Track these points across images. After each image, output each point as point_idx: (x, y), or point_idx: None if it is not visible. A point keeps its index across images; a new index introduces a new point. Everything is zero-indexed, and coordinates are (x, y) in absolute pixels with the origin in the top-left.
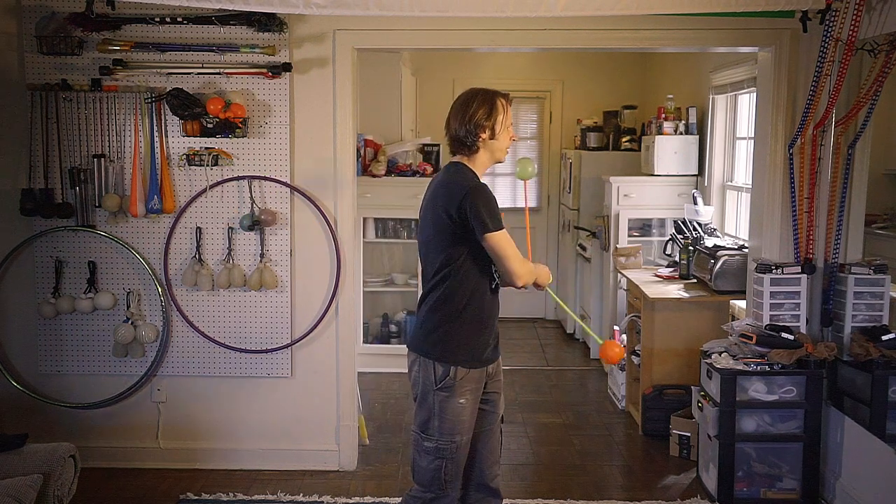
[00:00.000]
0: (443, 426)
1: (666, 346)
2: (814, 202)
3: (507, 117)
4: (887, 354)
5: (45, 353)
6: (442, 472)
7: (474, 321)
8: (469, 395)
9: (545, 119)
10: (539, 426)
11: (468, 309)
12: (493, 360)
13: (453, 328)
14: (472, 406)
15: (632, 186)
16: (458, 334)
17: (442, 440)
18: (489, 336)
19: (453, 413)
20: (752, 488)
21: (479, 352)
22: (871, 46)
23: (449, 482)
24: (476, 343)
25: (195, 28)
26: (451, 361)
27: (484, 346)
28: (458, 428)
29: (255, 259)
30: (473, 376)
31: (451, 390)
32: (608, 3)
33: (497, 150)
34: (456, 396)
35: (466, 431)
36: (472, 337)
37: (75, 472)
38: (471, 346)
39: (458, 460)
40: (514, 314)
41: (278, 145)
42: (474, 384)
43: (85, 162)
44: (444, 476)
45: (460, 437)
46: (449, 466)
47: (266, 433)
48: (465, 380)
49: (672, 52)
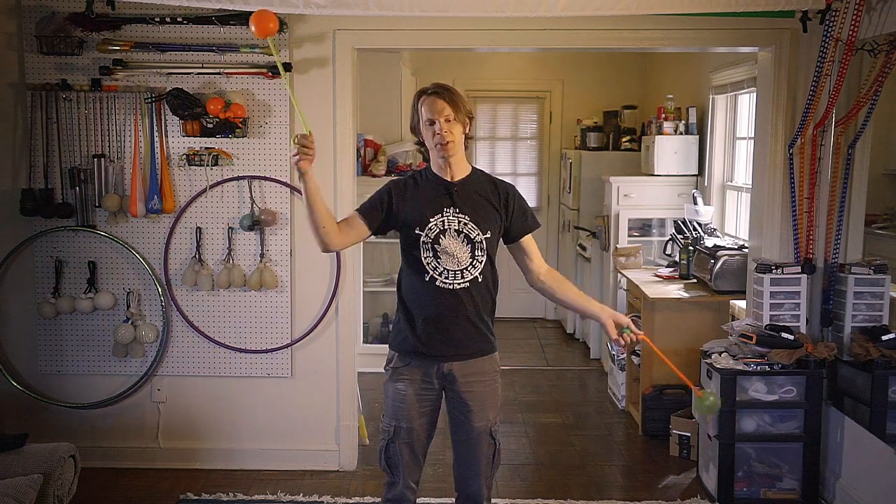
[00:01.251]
0: (386, 408)
1: (666, 346)
2: (814, 202)
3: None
4: (887, 354)
5: (45, 353)
6: (384, 452)
7: (402, 310)
8: (408, 385)
9: (545, 119)
10: (539, 426)
11: (400, 297)
12: (437, 358)
13: (398, 316)
14: (413, 396)
15: (632, 186)
16: (398, 322)
17: (385, 421)
18: (431, 331)
19: (392, 397)
20: (752, 488)
21: (410, 341)
22: (871, 46)
23: (393, 466)
24: (404, 331)
25: (195, 28)
26: (391, 345)
27: (416, 337)
28: (398, 413)
29: (255, 259)
30: (412, 366)
31: (389, 373)
32: (608, 3)
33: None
34: (393, 381)
35: (408, 420)
36: (401, 324)
37: (75, 472)
38: (400, 333)
39: (400, 448)
40: (514, 314)
41: (278, 145)
42: (413, 375)
43: (85, 162)
44: (385, 457)
45: (400, 424)
46: (390, 449)
47: (266, 433)
48: (401, 367)
49: (672, 52)
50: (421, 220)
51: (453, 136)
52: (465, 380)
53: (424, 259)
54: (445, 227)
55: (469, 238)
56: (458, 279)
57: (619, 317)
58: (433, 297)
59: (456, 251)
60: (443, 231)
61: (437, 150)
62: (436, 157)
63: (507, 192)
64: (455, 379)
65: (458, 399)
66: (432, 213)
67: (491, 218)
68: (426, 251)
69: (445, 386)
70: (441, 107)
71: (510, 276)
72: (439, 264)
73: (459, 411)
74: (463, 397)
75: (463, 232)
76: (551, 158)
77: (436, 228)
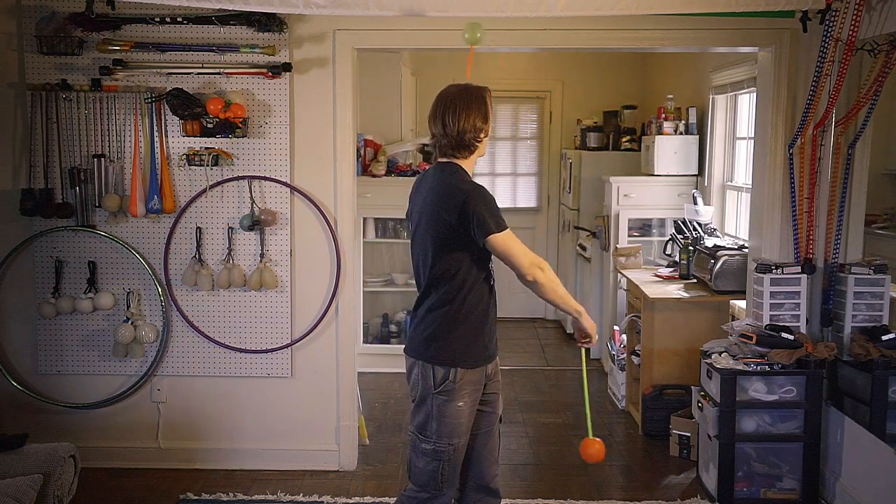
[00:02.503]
0: (441, 429)
1: (666, 346)
2: (814, 202)
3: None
4: (887, 354)
5: (45, 353)
6: (439, 473)
7: (474, 323)
8: (468, 398)
9: (545, 119)
10: (539, 426)
11: (467, 311)
12: (492, 358)
13: (453, 331)
14: (470, 408)
15: (632, 186)
16: (457, 337)
17: (440, 443)
18: (488, 336)
19: (452, 416)
20: (752, 488)
21: (479, 352)
22: (871, 46)
23: (445, 483)
24: (475, 344)
25: (195, 28)
26: (451, 364)
27: (484, 346)
28: (457, 431)
29: (255, 259)
30: (472, 378)
31: (451, 393)
32: (608, 3)
33: (484, 147)
34: (455, 400)
35: (464, 434)
36: (471, 339)
37: (75, 472)
38: (470, 348)
39: (455, 462)
40: (515, 314)
41: (278, 145)
42: (473, 386)
43: (85, 162)
44: (440, 477)
45: (458, 440)
46: (446, 468)
47: (266, 433)
48: (464, 382)
49: (672, 52)
50: None
51: None
52: (494, 374)
53: (491, 266)
54: None
55: None
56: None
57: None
58: (494, 301)
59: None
60: None
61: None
62: (481, 154)
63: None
64: (490, 376)
65: (487, 394)
66: None
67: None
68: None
69: (486, 384)
70: None
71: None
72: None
73: (487, 405)
74: (490, 390)
75: None
76: (551, 158)
77: None
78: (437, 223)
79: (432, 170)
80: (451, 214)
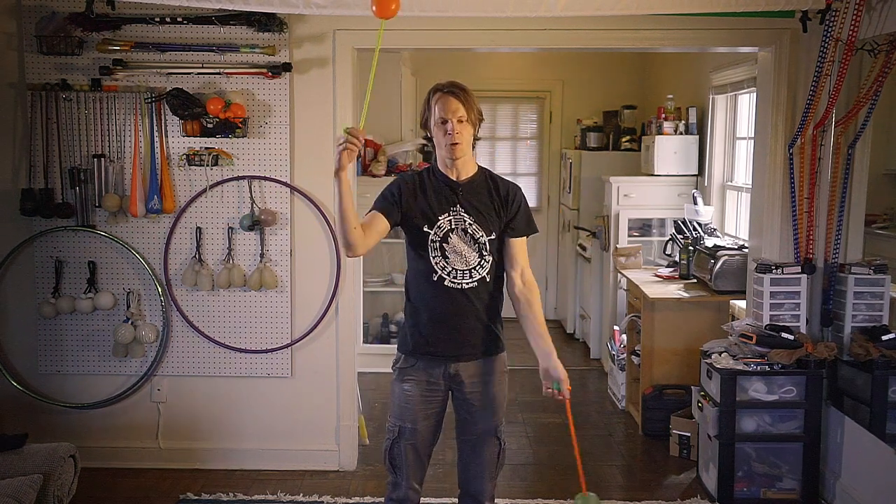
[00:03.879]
0: (392, 408)
1: (666, 346)
2: (814, 202)
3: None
4: (887, 354)
5: (45, 353)
6: (388, 452)
7: (411, 311)
8: (414, 385)
9: (545, 119)
10: (539, 426)
11: (409, 299)
12: (436, 356)
13: (405, 316)
14: (418, 396)
15: (632, 186)
16: (405, 323)
17: (390, 421)
18: (438, 331)
19: (398, 397)
20: (752, 488)
21: (419, 343)
22: (871, 46)
23: (397, 467)
24: (414, 333)
25: (195, 28)
26: (399, 346)
27: (425, 338)
28: (404, 414)
29: (255, 259)
30: (419, 367)
31: (396, 373)
32: (608, 3)
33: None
34: (400, 381)
35: (413, 421)
36: (411, 325)
37: (75, 472)
38: (409, 335)
39: (405, 448)
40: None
41: (278, 145)
42: (420, 375)
43: (85, 162)
44: (389, 457)
45: (406, 425)
46: (394, 450)
47: (266, 433)
48: (407, 368)
49: (672, 52)
50: (429, 219)
51: (462, 138)
52: (470, 381)
53: (433, 258)
54: (454, 227)
55: (475, 239)
56: (466, 278)
57: (557, 370)
58: (441, 296)
59: (464, 250)
60: (451, 230)
61: (447, 150)
62: (444, 156)
63: (507, 190)
64: (461, 380)
65: (464, 400)
66: (440, 212)
67: (493, 219)
68: (434, 250)
69: (452, 387)
70: (455, 107)
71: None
72: (448, 263)
73: (466, 412)
74: (469, 398)
75: (469, 232)
76: (551, 158)
77: (444, 227)
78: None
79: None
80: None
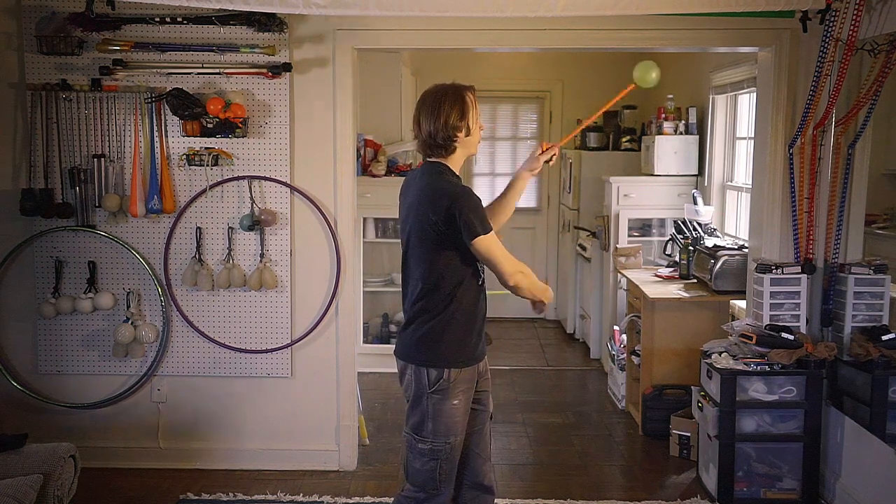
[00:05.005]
0: (437, 428)
1: (666, 346)
2: (814, 202)
3: (477, 110)
4: (887, 354)
5: (45, 353)
6: (437, 472)
7: (464, 323)
8: (462, 396)
9: (545, 119)
10: (539, 426)
11: (457, 311)
12: (482, 355)
13: (444, 331)
14: (464, 406)
15: (632, 186)
16: (448, 337)
17: (437, 442)
18: (477, 334)
19: (447, 415)
20: (752, 488)
21: (471, 350)
22: (871, 46)
23: (443, 482)
24: (467, 344)
25: (195, 28)
26: (444, 364)
27: (475, 344)
28: (453, 429)
29: (255, 259)
30: (466, 376)
31: (445, 392)
32: (608, 3)
33: (471, 145)
34: (450, 398)
35: (460, 432)
36: (462, 338)
37: (75, 472)
38: (462, 348)
39: (453, 460)
40: (514, 314)
41: (278, 145)
42: (467, 384)
43: (85, 162)
44: (438, 477)
45: (454, 438)
46: (444, 467)
47: (266, 433)
48: (458, 381)
49: (672, 52)
50: None
51: None
52: (484, 370)
53: (479, 264)
54: None
55: None
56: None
57: (530, 161)
58: (483, 300)
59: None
60: None
61: (475, 148)
62: (470, 153)
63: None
64: (482, 373)
65: (479, 392)
66: None
67: None
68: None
69: (478, 382)
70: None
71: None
72: (480, 266)
73: (479, 403)
74: (481, 388)
75: None
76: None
77: None
78: (422, 224)
79: (420, 170)
80: (436, 215)
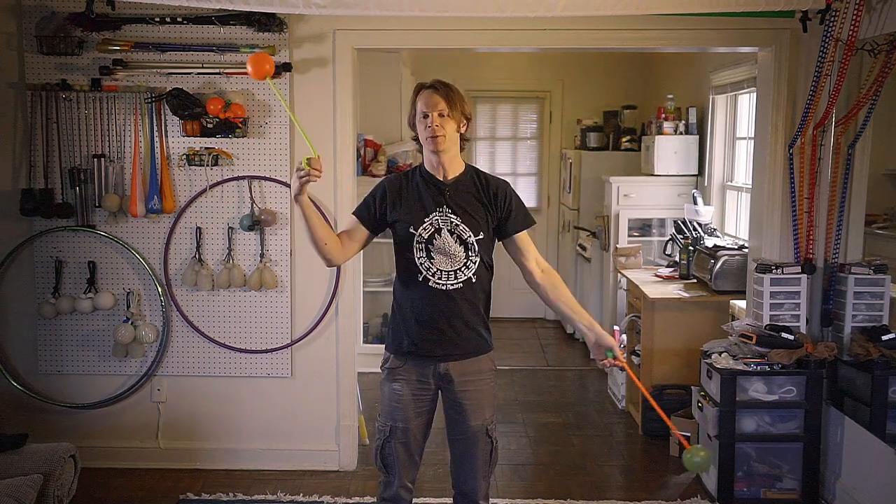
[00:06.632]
0: (382, 408)
1: (666, 346)
2: (814, 202)
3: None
4: (887, 354)
5: (45, 353)
6: (379, 451)
7: (399, 313)
8: (404, 385)
9: (545, 119)
10: (539, 426)
11: (395, 301)
12: (424, 356)
13: (392, 315)
14: (409, 396)
15: (632, 186)
16: (392, 322)
17: (380, 421)
18: (425, 333)
19: (388, 397)
20: (752, 488)
21: (410, 343)
22: (871, 46)
23: (389, 466)
24: (403, 333)
25: (195, 28)
26: (386, 346)
27: (415, 340)
28: (395, 414)
29: (255, 259)
30: (408, 367)
31: (387, 374)
32: (608, 3)
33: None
34: (390, 381)
35: (404, 420)
36: (395, 326)
37: (75, 472)
38: (400, 335)
39: (396, 447)
40: (514, 314)
41: (278, 145)
42: (410, 375)
43: (85, 162)
44: (381, 456)
45: (395, 424)
46: (386, 449)
47: (266, 433)
48: (397, 368)
49: (672, 52)
50: (415, 219)
51: (444, 131)
52: (460, 379)
53: (418, 259)
54: (440, 227)
55: (462, 239)
56: (451, 280)
57: (605, 338)
58: (426, 297)
59: (450, 251)
60: (437, 230)
61: (427, 143)
62: (427, 152)
63: (496, 188)
64: (451, 379)
65: (454, 399)
66: (426, 212)
67: (482, 218)
68: (420, 251)
69: (442, 386)
70: (436, 101)
71: (510, 276)
72: (433, 265)
73: (455, 411)
74: (458, 397)
75: (455, 233)
76: (551, 158)
77: (430, 227)
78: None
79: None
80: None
